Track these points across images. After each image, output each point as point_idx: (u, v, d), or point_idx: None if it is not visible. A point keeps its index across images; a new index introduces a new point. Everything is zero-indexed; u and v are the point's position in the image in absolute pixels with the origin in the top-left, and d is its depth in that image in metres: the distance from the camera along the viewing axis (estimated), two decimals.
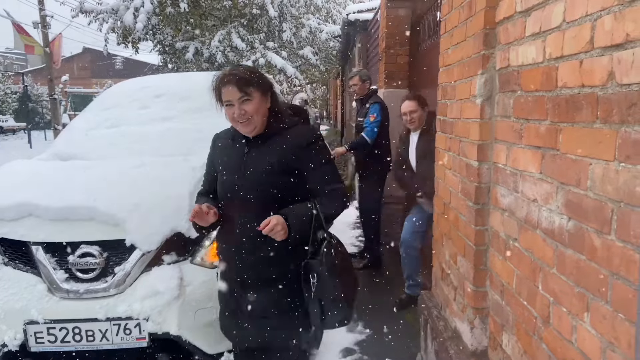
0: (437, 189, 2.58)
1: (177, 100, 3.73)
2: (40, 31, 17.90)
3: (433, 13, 3.84)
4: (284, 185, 1.83)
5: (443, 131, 2.45)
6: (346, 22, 8.63)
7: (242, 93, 1.79)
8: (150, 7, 10.83)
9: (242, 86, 1.79)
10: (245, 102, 1.80)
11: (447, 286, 2.36)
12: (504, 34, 1.72)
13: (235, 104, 1.80)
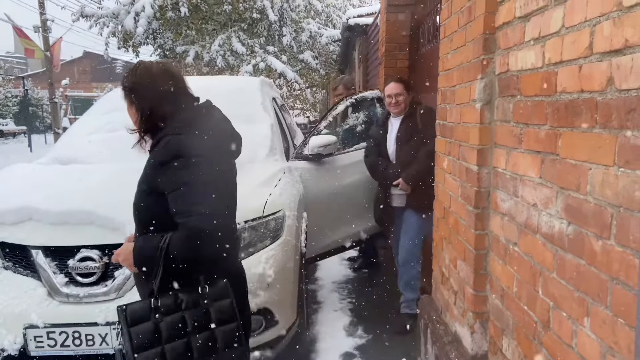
0: (437, 193, 2.59)
1: None
2: (41, 35, 17.96)
3: (432, 18, 3.85)
4: (153, 207, 1.63)
5: (443, 135, 2.45)
6: (346, 27, 8.65)
7: (124, 100, 1.74)
8: (151, 12, 10.86)
9: (124, 93, 1.73)
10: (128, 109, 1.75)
11: (447, 290, 2.36)
12: (503, 39, 1.72)
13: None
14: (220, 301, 1.60)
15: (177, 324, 1.54)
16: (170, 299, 1.56)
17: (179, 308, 1.55)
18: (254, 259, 2.53)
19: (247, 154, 3.27)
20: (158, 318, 1.52)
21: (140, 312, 1.54)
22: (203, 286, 1.59)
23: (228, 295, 1.63)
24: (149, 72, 1.70)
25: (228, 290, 1.63)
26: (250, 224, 2.62)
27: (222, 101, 3.84)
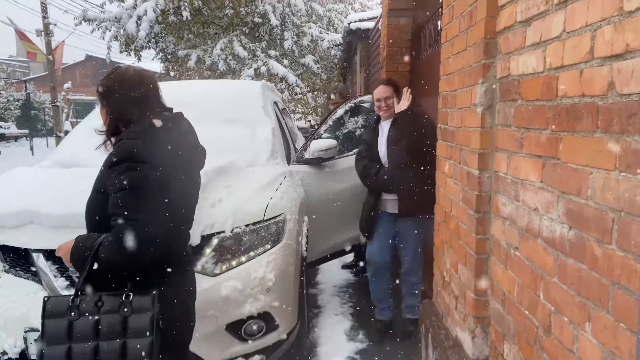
0: (438, 197, 2.58)
1: (179, 108, 3.74)
2: (44, 38, 18.02)
3: (434, 22, 3.86)
4: (101, 208, 1.64)
5: (444, 139, 2.45)
6: (347, 31, 8.68)
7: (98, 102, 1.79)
8: (153, 16, 10.91)
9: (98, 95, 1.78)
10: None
11: (448, 295, 2.36)
12: (504, 44, 1.73)
13: None
14: (141, 313, 1.55)
15: (90, 326, 1.53)
16: (93, 300, 1.55)
17: (97, 311, 1.54)
18: (254, 263, 2.53)
19: (248, 158, 3.31)
20: (73, 316, 1.52)
21: (59, 306, 1.54)
22: (127, 294, 1.56)
23: (150, 308, 1.56)
24: (122, 77, 1.73)
25: (153, 303, 1.57)
26: (251, 227, 2.62)
27: (223, 105, 3.88)
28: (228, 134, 3.50)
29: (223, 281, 2.45)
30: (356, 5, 15.41)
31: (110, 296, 1.57)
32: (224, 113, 3.72)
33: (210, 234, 2.54)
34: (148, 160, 1.57)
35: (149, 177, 1.57)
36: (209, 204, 2.65)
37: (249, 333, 2.49)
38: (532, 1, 1.48)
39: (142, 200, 1.55)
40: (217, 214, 2.60)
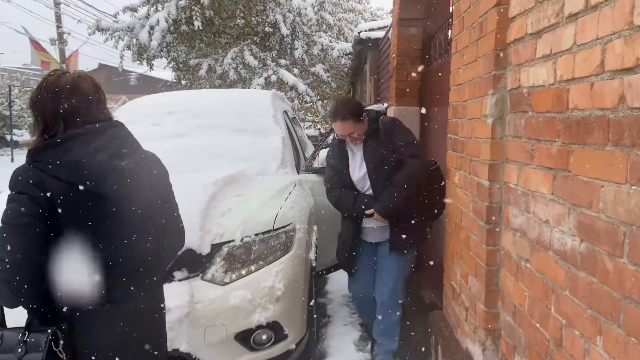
0: (448, 208, 2.58)
1: (190, 117, 3.78)
2: (57, 48, 18.28)
3: (444, 32, 3.86)
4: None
5: (454, 150, 2.45)
6: (357, 40, 8.72)
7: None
8: (165, 25, 11.04)
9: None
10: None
11: (458, 306, 2.34)
12: (515, 55, 1.73)
13: None
14: (34, 353, 1.41)
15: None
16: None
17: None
18: (264, 272, 2.54)
19: (258, 167, 3.33)
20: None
21: None
22: (24, 332, 1.44)
23: (42, 349, 1.41)
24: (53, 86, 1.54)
25: (46, 343, 1.42)
26: (261, 236, 2.62)
27: (234, 114, 3.90)
28: (238, 143, 3.52)
29: (232, 290, 2.46)
30: (366, 15, 15.48)
31: (12, 333, 1.45)
32: (234, 122, 3.75)
33: (220, 242, 2.55)
34: (28, 192, 1.40)
35: (27, 212, 1.38)
36: (219, 213, 2.67)
37: (258, 342, 2.49)
38: (542, 13, 1.48)
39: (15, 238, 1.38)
40: (227, 223, 2.62)
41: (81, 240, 1.46)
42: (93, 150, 1.50)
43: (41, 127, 1.52)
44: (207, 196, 2.68)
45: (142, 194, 1.60)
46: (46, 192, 1.40)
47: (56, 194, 1.41)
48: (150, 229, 1.63)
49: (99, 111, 1.60)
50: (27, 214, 1.38)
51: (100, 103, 1.62)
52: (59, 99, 1.51)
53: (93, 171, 1.47)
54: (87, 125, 1.53)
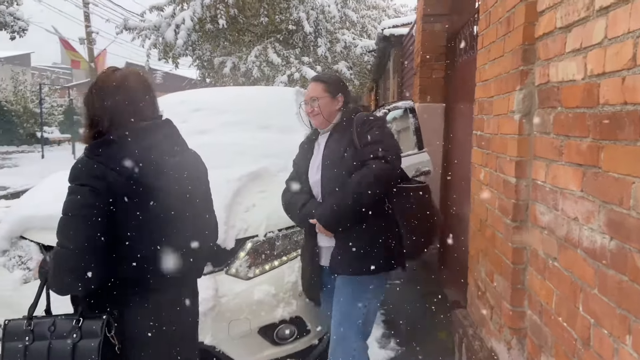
0: (473, 205, 2.55)
1: (215, 114, 3.83)
2: (86, 47, 18.67)
3: (469, 28, 3.82)
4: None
5: (479, 146, 2.43)
6: (381, 37, 8.66)
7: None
8: (191, 24, 11.16)
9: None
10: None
11: (483, 305, 2.32)
12: (543, 50, 1.70)
13: None
14: (90, 339, 1.49)
15: (43, 351, 1.49)
16: (47, 324, 1.51)
17: (50, 336, 1.50)
18: (287, 267, 2.56)
19: (281, 163, 3.34)
20: (27, 340, 1.50)
21: (16, 330, 1.53)
22: (77, 318, 1.51)
23: (99, 334, 1.48)
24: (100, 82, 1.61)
25: (102, 329, 1.49)
26: (284, 232, 2.65)
27: (258, 111, 3.93)
28: (262, 140, 3.55)
29: (256, 285, 2.48)
30: (390, 12, 15.37)
31: (64, 320, 1.52)
32: (258, 119, 3.78)
33: (244, 237, 2.58)
34: (92, 183, 1.45)
35: (90, 203, 1.44)
36: (243, 209, 2.70)
37: (280, 337, 2.51)
38: (572, 7, 1.46)
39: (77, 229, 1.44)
40: (250, 218, 2.65)
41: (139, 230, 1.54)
42: (148, 146, 1.56)
43: (88, 122, 1.58)
44: (231, 192, 2.71)
45: (189, 190, 1.68)
46: (106, 185, 1.46)
47: (115, 187, 1.47)
48: (195, 223, 1.71)
49: (147, 108, 1.64)
50: (89, 205, 1.44)
51: (147, 100, 1.65)
52: (104, 95, 1.56)
53: (148, 166, 1.54)
54: (142, 122, 1.59)
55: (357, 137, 2.15)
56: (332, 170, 2.20)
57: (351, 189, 2.07)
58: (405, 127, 4.67)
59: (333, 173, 2.19)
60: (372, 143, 2.10)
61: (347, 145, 2.17)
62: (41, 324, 1.51)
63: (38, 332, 1.51)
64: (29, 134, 24.29)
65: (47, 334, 1.50)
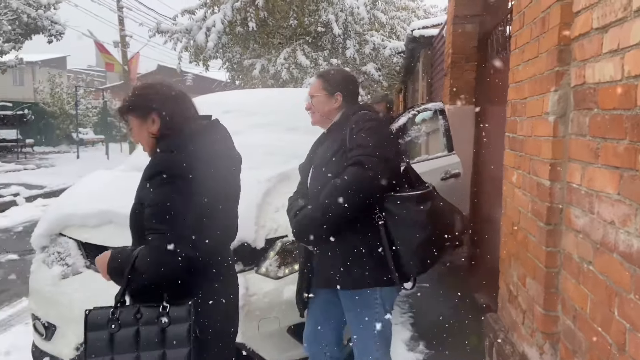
0: (505, 208, 2.52)
1: (245, 116, 3.88)
2: (120, 50, 19.14)
3: (502, 28, 3.77)
4: (139, 216, 1.65)
5: (512, 148, 2.40)
6: (410, 38, 8.61)
7: (125, 122, 1.78)
8: (221, 27, 11.32)
9: (121, 114, 1.77)
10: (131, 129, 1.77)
11: (514, 309, 2.29)
12: (579, 51, 1.68)
13: None
14: (178, 323, 1.56)
15: (130, 337, 1.54)
16: (131, 312, 1.56)
17: (136, 322, 1.55)
18: None
19: None
20: (114, 328, 1.54)
21: (100, 319, 1.56)
22: (164, 305, 1.57)
23: (188, 319, 1.57)
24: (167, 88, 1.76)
25: (189, 314, 1.58)
26: None
27: (286, 113, 3.97)
28: (291, 141, 3.58)
29: (285, 284, 2.51)
30: (419, 13, 15.25)
31: (148, 307, 1.59)
32: (287, 121, 3.81)
33: (274, 237, 2.61)
34: (178, 174, 1.57)
35: (181, 191, 1.56)
36: (273, 209, 2.73)
37: None
38: (609, 8, 1.43)
39: (174, 216, 1.54)
40: (280, 218, 2.67)
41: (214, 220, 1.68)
42: (216, 141, 1.76)
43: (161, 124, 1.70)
44: (262, 192, 2.75)
45: (238, 184, 1.89)
46: (191, 176, 1.57)
47: (198, 179, 1.59)
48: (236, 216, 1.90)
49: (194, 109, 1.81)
50: (181, 194, 1.55)
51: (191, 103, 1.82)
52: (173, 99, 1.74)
53: (221, 158, 1.74)
54: (204, 121, 1.79)
55: (348, 139, 1.98)
56: (320, 173, 2.08)
57: (322, 198, 1.93)
58: (435, 129, 4.64)
59: (320, 176, 2.06)
60: (356, 147, 1.92)
61: (339, 147, 2.01)
62: (126, 312, 1.56)
63: (124, 320, 1.55)
64: (65, 135, 25.06)
65: (133, 321, 1.55)
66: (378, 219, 1.94)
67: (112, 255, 1.64)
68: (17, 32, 18.72)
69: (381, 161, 1.86)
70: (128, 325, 1.55)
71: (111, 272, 1.62)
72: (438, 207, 1.97)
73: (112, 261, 1.63)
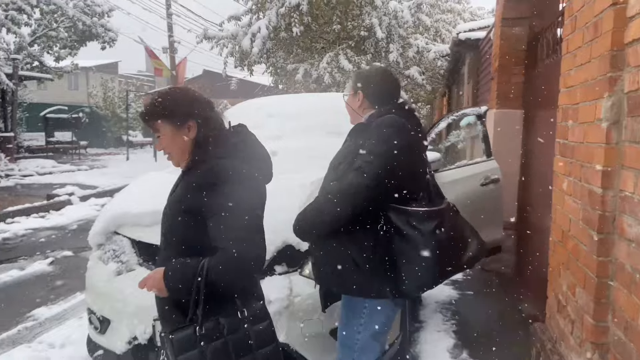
0: (555, 216, 2.47)
1: (288, 120, 3.95)
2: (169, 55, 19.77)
3: (552, 31, 3.68)
4: (186, 227, 1.61)
5: (562, 155, 2.35)
6: (456, 41, 8.50)
7: (152, 129, 1.69)
8: (266, 33, 11.53)
9: (150, 122, 1.67)
10: (159, 137, 1.69)
11: (563, 319, 2.24)
12: (633, 56, 1.63)
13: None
14: (258, 324, 1.59)
15: (221, 350, 1.53)
16: (212, 325, 1.54)
17: (222, 334, 1.54)
18: None
19: None
20: (203, 346, 1.52)
21: (186, 340, 1.52)
22: (242, 310, 1.58)
23: (266, 317, 1.61)
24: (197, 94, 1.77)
25: (266, 311, 1.62)
26: None
27: (329, 117, 4.01)
28: (333, 145, 3.61)
29: None
30: (466, 15, 15.02)
31: (226, 317, 1.58)
32: (329, 125, 3.85)
33: None
34: (240, 180, 1.57)
35: (244, 196, 1.56)
36: None
37: None
38: None
39: (240, 220, 1.53)
40: None
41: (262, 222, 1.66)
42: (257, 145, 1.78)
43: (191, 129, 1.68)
44: (305, 195, 2.79)
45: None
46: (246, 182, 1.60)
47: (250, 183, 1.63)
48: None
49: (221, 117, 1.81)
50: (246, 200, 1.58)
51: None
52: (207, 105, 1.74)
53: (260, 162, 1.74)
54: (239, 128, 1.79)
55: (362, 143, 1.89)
56: (331, 171, 2.06)
57: (319, 198, 1.96)
58: (475, 134, 4.57)
59: (330, 174, 2.04)
60: (363, 154, 1.84)
61: (355, 149, 1.92)
62: (207, 326, 1.54)
63: (209, 334, 1.53)
64: (116, 138, 26.08)
65: (218, 334, 1.54)
66: (380, 229, 1.85)
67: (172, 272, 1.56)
68: (73, 39, 19.72)
69: (383, 171, 1.77)
70: (214, 339, 1.54)
71: (173, 288, 1.55)
72: (448, 228, 1.83)
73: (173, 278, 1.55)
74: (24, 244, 6.62)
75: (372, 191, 1.77)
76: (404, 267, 1.81)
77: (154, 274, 1.59)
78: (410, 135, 1.89)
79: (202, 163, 1.62)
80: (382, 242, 1.84)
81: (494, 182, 3.98)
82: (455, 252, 1.86)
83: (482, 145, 4.20)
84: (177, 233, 1.66)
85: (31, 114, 20.99)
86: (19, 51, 17.47)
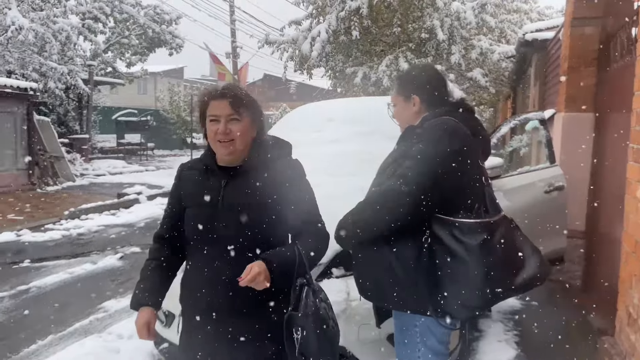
0: (627, 224, 2.33)
1: (347, 124, 3.96)
2: (231, 60, 20.39)
3: (627, 30, 3.48)
4: (262, 225, 1.61)
5: (637, 161, 2.22)
6: (522, 42, 8.20)
7: (233, 111, 1.62)
8: (326, 36, 11.61)
9: (236, 104, 1.63)
10: (232, 121, 1.62)
11: (634, 333, 2.11)
12: None
13: (221, 120, 1.61)
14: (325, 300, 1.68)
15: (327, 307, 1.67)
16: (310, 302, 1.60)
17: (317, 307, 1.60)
18: None
19: None
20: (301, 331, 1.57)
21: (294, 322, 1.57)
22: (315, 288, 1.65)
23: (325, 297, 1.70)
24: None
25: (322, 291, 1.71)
26: None
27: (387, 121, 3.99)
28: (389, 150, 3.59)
29: None
30: (533, 15, 14.45)
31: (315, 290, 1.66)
32: (387, 129, 3.82)
33: None
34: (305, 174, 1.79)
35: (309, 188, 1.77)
36: None
37: None
38: None
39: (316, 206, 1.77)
40: None
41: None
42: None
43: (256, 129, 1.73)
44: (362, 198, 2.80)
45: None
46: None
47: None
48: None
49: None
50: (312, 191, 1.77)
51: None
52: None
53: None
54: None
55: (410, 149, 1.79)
56: (377, 177, 1.96)
57: (359, 203, 1.87)
58: (539, 139, 4.39)
59: (376, 180, 1.95)
60: (408, 158, 1.75)
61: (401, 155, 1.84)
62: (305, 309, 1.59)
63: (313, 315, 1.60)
64: (181, 140, 27.18)
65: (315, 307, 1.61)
66: (425, 240, 1.72)
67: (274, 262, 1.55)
68: (143, 45, 20.79)
69: (427, 177, 1.66)
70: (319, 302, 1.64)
71: (281, 281, 1.55)
72: (499, 243, 1.67)
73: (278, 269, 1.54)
74: (96, 240, 7.05)
75: (412, 198, 1.66)
76: (448, 285, 1.68)
77: (258, 266, 1.51)
78: (465, 140, 1.75)
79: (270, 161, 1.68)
80: (426, 255, 1.72)
81: (558, 190, 3.81)
82: (507, 272, 1.69)
83: (546, 150, 4.04)
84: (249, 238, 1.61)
85: (104, 117, 22.30)
86: (94, 58, 18.62)
